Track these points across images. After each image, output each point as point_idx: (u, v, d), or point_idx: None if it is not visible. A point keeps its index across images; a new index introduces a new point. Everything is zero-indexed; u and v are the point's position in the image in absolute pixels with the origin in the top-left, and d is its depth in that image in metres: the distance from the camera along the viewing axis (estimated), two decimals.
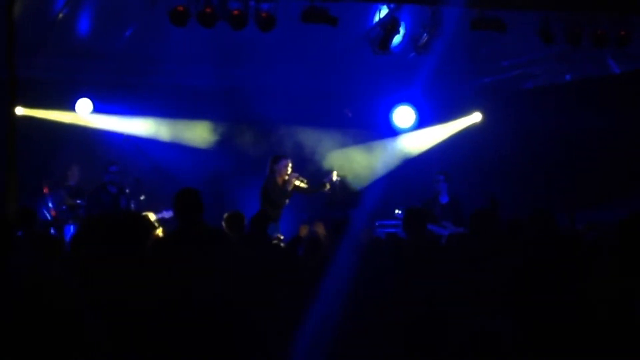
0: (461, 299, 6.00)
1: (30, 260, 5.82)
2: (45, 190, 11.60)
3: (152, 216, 10.79)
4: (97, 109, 13.23)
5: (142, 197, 11.80)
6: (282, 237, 10.24)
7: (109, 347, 3.75)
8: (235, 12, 10.05)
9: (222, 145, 13.86)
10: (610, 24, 11.10)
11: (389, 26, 10.79)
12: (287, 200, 11.49)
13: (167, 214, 11.01)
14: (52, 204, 11.57)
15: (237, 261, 6.34)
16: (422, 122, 14.80)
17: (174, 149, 13.60)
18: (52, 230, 11.24)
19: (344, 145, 14.34)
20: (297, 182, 11.49)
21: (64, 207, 11.68)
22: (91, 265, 5.46)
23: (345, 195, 12.38)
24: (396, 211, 11.55)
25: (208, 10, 9.93)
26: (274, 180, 11.37)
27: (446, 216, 11.52)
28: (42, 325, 3.59)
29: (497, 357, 5.53)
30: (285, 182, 11.40)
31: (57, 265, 5.70)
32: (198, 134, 13.80)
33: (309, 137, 13.91)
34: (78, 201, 11.67)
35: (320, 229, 9.74)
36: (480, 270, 6.27)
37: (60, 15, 11.12)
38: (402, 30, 10.84)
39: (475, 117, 14.75)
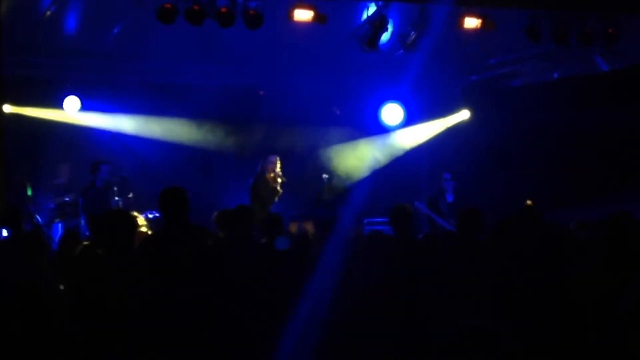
0: (449, 296, 6.01)
1: (14, 263, 5.78)
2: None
3: (140, 220, 10.73)
4: (85, 107, 13.17)
5: (130, 195, 11.77)
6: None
7: (93, 347, 3.73)
8: (223, 10, 10.04)
9: (211, 143, 13.83)
10: (597, 22, 11.13)
11: (377, 24, 10.79)
12: (277, 199, 11.51)
13: (152, 215, 10.99)
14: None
15: (223, 259, 6.33)
16: (411, 119, 14.81)
17: (162, 146, 13.55)
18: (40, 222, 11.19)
19: (331, 142, 14.33)
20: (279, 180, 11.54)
21: (51, 205, 11.62)
22: (78, 264, 5.45)
23: (334, 193, 12.37)
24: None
25: (196, 7, 9.91)
26: (263, 178, 11.37)
27: (452, 214, 11.63)
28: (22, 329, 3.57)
29: (485, 355, 5.54)
30: (273, 180, 11.40)
31: (41, 268, 5.67)
32: (186, 131, 13.76)
33: (297, 135, 13.89)
34: (66, 199, 11.62)
35: (309, 227, 9.73)
36: (468, 268, 6.27)
37: (48, 13, 11.06)
38: (390, 27, 10.85)
39: (464, 115, 14.77)
